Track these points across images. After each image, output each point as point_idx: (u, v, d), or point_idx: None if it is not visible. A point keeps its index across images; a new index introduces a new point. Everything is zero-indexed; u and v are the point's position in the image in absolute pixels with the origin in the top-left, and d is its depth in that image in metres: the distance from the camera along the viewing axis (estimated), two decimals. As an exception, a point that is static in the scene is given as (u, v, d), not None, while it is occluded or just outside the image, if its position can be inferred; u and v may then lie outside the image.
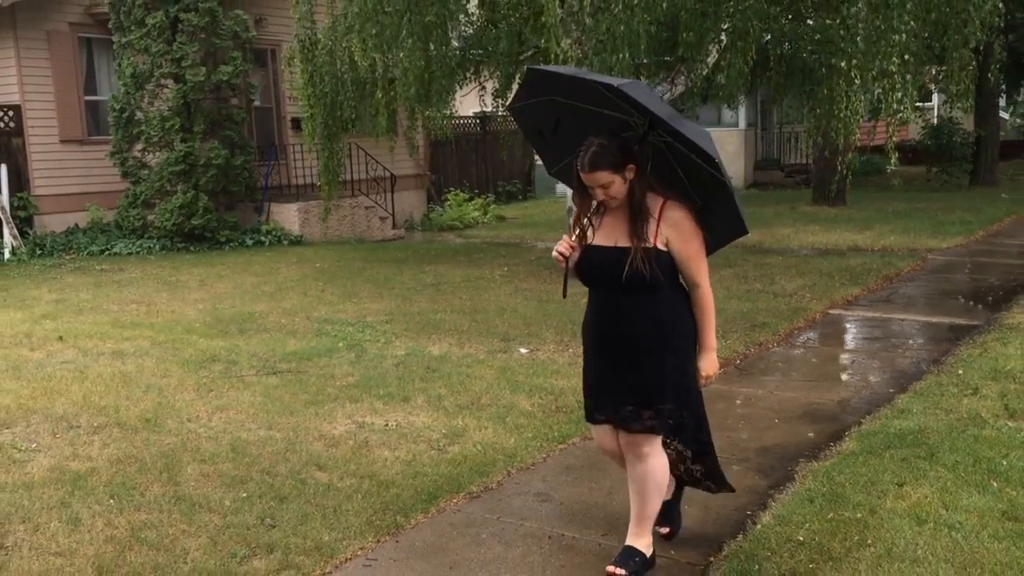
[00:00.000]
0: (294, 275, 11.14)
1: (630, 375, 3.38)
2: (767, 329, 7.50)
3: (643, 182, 3.28)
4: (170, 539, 3.93)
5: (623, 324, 3.36)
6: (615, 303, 3.38)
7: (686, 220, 3.29)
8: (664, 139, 3.30)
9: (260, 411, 5.71)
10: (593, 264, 3.38)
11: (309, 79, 10.34)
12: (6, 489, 4.48)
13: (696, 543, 3.86)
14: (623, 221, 3.32)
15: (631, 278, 3.24)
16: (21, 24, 13.75)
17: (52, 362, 7.04)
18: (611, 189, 3.25)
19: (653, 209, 3.28)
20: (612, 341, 3.41)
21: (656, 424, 3.37)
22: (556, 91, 3.47)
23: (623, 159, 3.23)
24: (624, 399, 3.39)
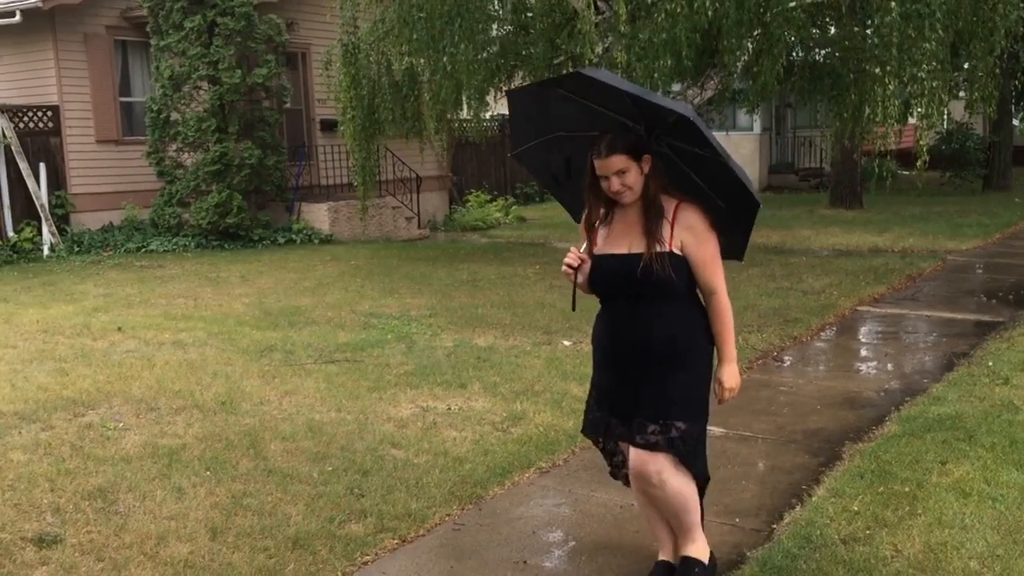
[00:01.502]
0: (331, 272, 11.47)
1: (641, 388, 3.21)
2: (800, 324, 7.81)
3: (657, 178, 3.13)
4: (270, 506, 4.24)
5: (637, 335, 3.19)
6: (630, 313, 3.20)
7: (701, 222, 3.15)
8: (665, 145, 3.18)
9: (326, 396, 6.03)
10: (607, 273, 3.21)
11: (351, 82, 10.67)
12: (106, 462, 4.80)
13: (757, 512, 4.17)
14: (635, 224, 3.16)
15: (647, 283, 3.09)
16: (60, 27, 14.12)
17: (117, 351, 7.37)
18: (627, 178, 3.09)
19: (667, 211, 3.13)
20: (623, 352, 3.24)
21: (659, 441, 3.18)
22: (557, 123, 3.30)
23: (640, 147, 3.09)
24: (631, 414, 3.23)
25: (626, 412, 3.25)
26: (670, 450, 3.18)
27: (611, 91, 2.98)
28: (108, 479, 4.56)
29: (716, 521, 4.05)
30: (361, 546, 3.85)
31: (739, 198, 3.14)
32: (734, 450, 4.97)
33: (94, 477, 4.59)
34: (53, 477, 4.58)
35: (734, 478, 4.56)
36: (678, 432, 3.17)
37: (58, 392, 6.11)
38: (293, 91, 15.19)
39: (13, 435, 5.25)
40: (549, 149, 3.40)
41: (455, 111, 11.49)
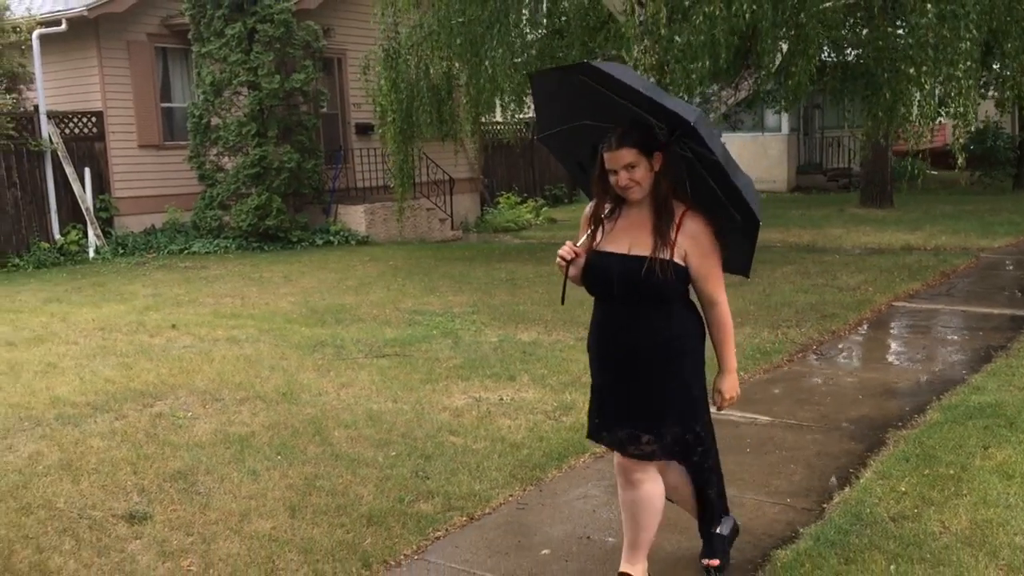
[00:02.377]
0: (371, 272, 11.73)
1: (633, 394, 3.16)
2: (837, 319, 7.95)
3: (669, 178, 3.05)
4: (342, 487, 4.48)
5: (630, 338, 3.12)
6: (623, 315, 3.13)
7: (706, 232, 3.05)
8: (686, 152, 3.06)
9: (381, 387, 6.26)
10: (603, 271, 3.12)
11: (392, 86, 10.93)
12: (181, 448, 5.06)
13: (807, 493, 4.34)
14: (639, 225, 3.08)
15: (645, 286, 3.02)
16: (104, 35, 14.51)
17: (175, 346, 7.65)
18: (635, 173, 3.01)
19: (676, 215, 3.06)
20: (617, 356, 3.17)
21: (656, 450, 3.15)
22: (583, 112, 3.19)
23: (652, 143, 3.01)
24: (623, 420, 3.17)
25: (619, 419, 3.19)
26: (664, 456, 3.17)
27: (623, 85, 2.89)
28: (186, 463, 4.81)
29: (768, 501, 4.24)
30: (432, 523, 4.07)
31: (745, 212, 3.02)
32: (781, 436, 5.15)
33: (172, 461, 4.84)
34: (133, 461, 4.84)
35: (783, 462, 4.74)
36: (672, 437, 3.14)
37: (125, 384, 6.39)
38: (329, 96, 15.49)
39: (90, 423, 5.52)
40: (575, 135, 3.30)
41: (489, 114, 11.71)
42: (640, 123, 3.01)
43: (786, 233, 14.32)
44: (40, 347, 7.72)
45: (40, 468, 4.77)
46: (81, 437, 5.26)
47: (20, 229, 13.58)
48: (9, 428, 5.45)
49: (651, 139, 3.01)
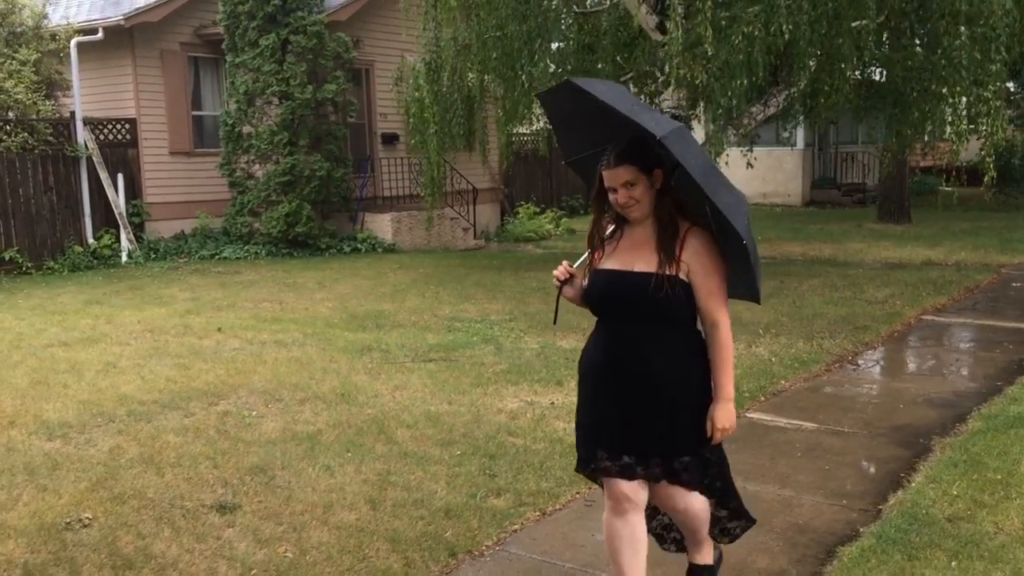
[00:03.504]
0: (403, 279, 11.95)
1: (640, 419, 3.01)
2: (869, 331, 8.16)
3: (671, 194, 2.98)
4: (415, 483, 4.68)
5: (636, 360, 2.98)
6: (628, 335, 3.00)
7: (709, 250, 2.95)
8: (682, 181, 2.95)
9: (434, 390, 6.47)
10: (606, 290, 3.02)
11: (435, 98, 11.18)
12: (253, 444, 5.27)
13: (863, 496, 4.54)
14: (642, 243, 2.99)
15: (653, 304, 2.91)
16: (138, 44, 14.78)
17: (225, 349, 7.86)
18: (635, 191, 2.93)
19: (680, 232, 2.97)
20: (621, 379, 3.02)
21: (659, 472, 3.07)
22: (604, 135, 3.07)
23: (652, 161, 2.93)
24: (628, 447, 3.03)
25: (624, 445, 3.03)
26: (667, 476, 3.06)
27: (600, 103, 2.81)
28: (261, 458, 5.02)
29: (826, 502, 4.44)
30: (506, 517, 4.28)
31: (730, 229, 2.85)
32: (829, 442, 5.35)
33: (248, 456, 5.05)
34: (211, 456, 5.06)
35: (835, 466, 4.94)
36: (681, 465, 3.03)
37: (186, 384, 6.61)
38: (357, 106, 15.74)
39: (160, 420, 5.74)
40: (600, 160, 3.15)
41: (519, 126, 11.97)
42: (640, 141, 2.91)
43: (807, 247, 14.54)
44: (94, 347, 7.94)
45: (123, 461, 4.99)
46: (155, 433, 5.47)
47: (55, 233, 13.82)
48: (84, 423, 5.67)
49: (650, 156, 2.93)
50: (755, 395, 6.25)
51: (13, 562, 3.82)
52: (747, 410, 5.95)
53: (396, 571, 3.74)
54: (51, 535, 4.06)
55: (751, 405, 6.07)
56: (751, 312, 9.11)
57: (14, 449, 5.20)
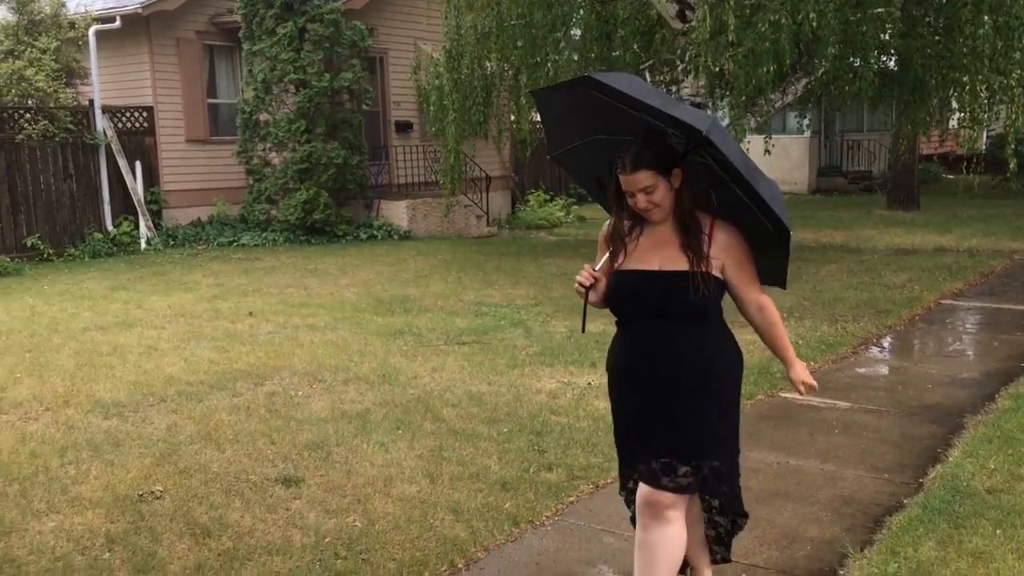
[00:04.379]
0: (423, 265, 12.09)
1: (669, 421, 2.95)
2: (892, 315, 8.31)
3: (691, 192, 2.89)
4: (468, 458, 4.84)
5: (666, 360, 2.92)
6: (655, 337, 2.93)
7: (738, 241, 2.92)
8: (706, 160, 2.86)
9: (472, 371, 6.62)
10: (632, 290, 2.93)
11: (455, 86, 11.29)
12: (305, 422, 5.42)
13: (902, 470, 4.70)
14: (665, 242, 2.91)
15: (690, 302, 2.85)
16: (155, 32, 14.86)
17: (260, 332, 8.00)
18: (654, 195, 2.84)
19: (704, 227, 2.91)
20: (649, 381, 2.95)
21: (691, 483, 2.95)
22: (596, 126, 3.02)
23: (669, 161, 2.83)
24: (657, 450, 2.95)
25: (651, 449, 2.97)
26: (701, 490, 2.99)
27: (630, 99, 2.71)
28: (315, 435, 5.17)
29: (868, 476, 4.60)
30: (561, 490, 4.43)
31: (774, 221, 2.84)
32: (864, 420, 5.50)
33: (302, 434, 5.20)
34: (267, 433, 5.21)
35: (872, 442, 5.10)
36: (711, 470, 2.95)
37: (229, 366, 6.75)
38: (373, 94, 15.85)
39: (211, 400, 5.89)
40: (590, 151, 3.13)
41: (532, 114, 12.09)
42: (653, 139, 2.83)
43: (819, 234, 14.68)
44: (131, 331, 8.08)
45: (182, 438, 5.14)
46: (208, 412, 5.62)
47: (75, 220, 13.95)
48: (137, 403, 5.82)
49: (667, 156, 2.83)
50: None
51: (94, 531, 3.97)
52: (781, 390, 6.11)
53: (463, 539, 3.89)
54: (126, 506, 4.21)
55: (783, 385, 6.21)
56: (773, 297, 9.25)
57: (74, 427, 5.35)
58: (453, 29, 11.39)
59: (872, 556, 3.66)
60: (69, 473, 4.63)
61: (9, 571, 3.62)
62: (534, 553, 3.82)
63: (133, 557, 3.72)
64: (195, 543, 3.85)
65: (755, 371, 6.46)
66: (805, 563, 3.69)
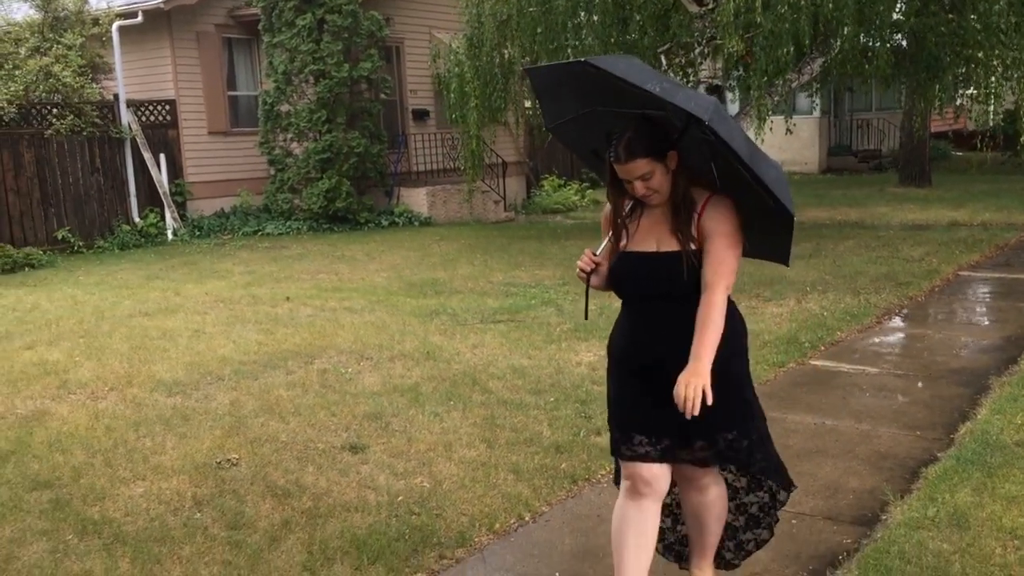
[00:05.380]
0: (448, 249, 12.34)
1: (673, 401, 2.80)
2: (912, 286, 8.54)
3: (686, 172, 2.85)
4: (520, 425, 5.10)
5: (667, 340, 2.86)
6: (658, 316, 2.91)
7: (727, 217, 2.83)
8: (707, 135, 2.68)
9: (510, 347, 6.88)
10: (631, 272, 2.93)
11: (476, 73, 11.51)
12: (360, 396, 5.69)
13: (933, 427, 4.95)
14: (663, 221, 2.89)
15: (685, 284, 2.81)
16: (176, 26, 15.11)
17: (300, 315, 8.27)
18: (652, 181, 2.81)
19: (697, 204, 2.86)
20: (654, 361, 2.90)
21: (708, 456, 2.94)
22: (592, 98, 2.95)
23: (664, 145, 2.79)
24: (668, 428, 2.90)
25: (661, 427, 2.91)
26: (717, 461, 2.98)
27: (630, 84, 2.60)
28: (372, 407, 5.44)
29: (901, 433, 4.85)
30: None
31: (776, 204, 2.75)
32: (893, 383, 5.75)
33: (359, 406, 5.47)
34: (325, 406, 5.48)
35: (903, 404, 5.35)
36: (725, 442, 2.93)
37: (277, 346, 7.02)
38: (391, 83, 16.07)
39: (266, 377, 6.16)
40: (587, 123, 3.06)
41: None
42: (646, 124, 2.78)
43: (833, 212, 14.89)
44: (174, 317, 8.36)
45: (246, 412, 5.41)
46: (265, 388, 5.89)
47: (103, 212, 14.24)
48: (197, 382, 6.10)
49: (661, 139, 2.79)
50: (815, 345, 6.64)
51: (181, 494, 4.25)
52: (810, 358, 6.36)
53: (526, 495, 4.15)
54: (207, 472, 4.49)
55: (813, 354, 6.47)
56: (795, 271, 9.50)
57: (142, 404, 5.63)
58: (474, 17, 11.60)
59: (912, 502, 3.91)
60: (146, 445, 4.91)
61: (109, 531, 3.90)
62: (594, 507, 4.08)
63: (223, 516, 3.99)
64: (277, 503, 4.12)
65: (784, 341, 6.73)
66: (849, 510, 3.95)
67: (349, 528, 3.84)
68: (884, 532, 3.67)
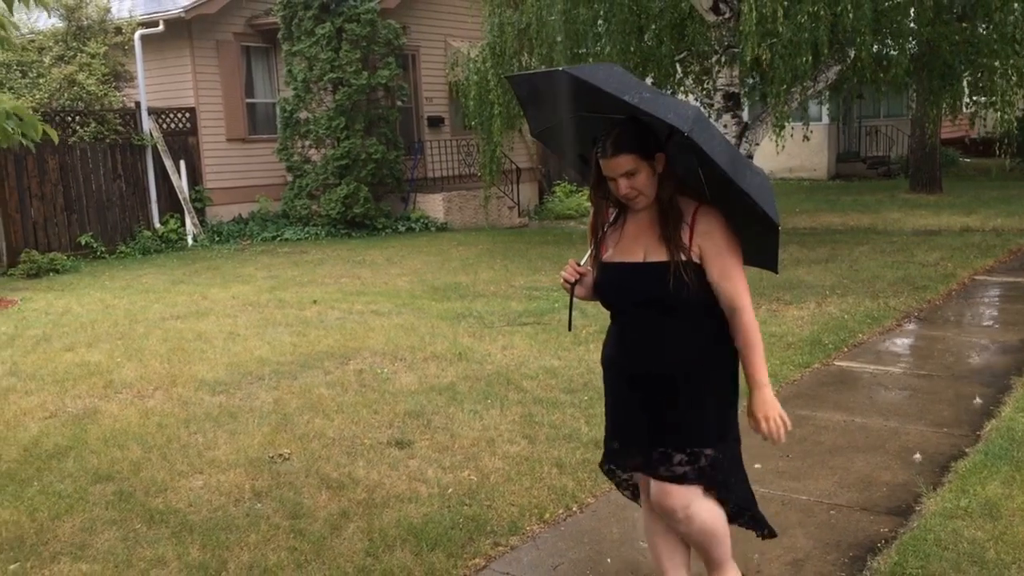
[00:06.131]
0: (467, 254, 12.52)
1: (666, 414, 2.86)
2: (929, 290, 8.70)
3: (674, 178, 2.79)
4: (558, 421, 5.27)
5: (655, 354, 2.84)
6: (645, 328, 2.85)
7: (720, 229, 2.77)
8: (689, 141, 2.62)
9: (539, 349, 7.05)
10: (616, 283, 2.87)
11: (499, 81, 11.70)
12: (399, 395, 5.86)
13: (959, 424, 5.10)
14: (648, 230, 2.81)
15: (668, 295, 2.74)
16: (196, 35, 15.35)
17: (329, 318, 8.45)
18: (636, 180, 2.74)
19: (686, 214, 2.78)
20: (642, 375, 2.88)
21: (688, 471, 2.84)
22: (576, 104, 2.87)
23: (651, 145, 2.73)
24: (654, 441, 2.87)
25: (645, 440, 2.89)
26: (700, 480, 2.86)
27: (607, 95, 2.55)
28: (412, 405, 5.61)
29: (929, 430, 5.01)
30: (650, 447, 4.85)
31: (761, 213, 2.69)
32: (917, 384, 5.91)
33: (399, 404, 5.64)
34: (367, 404, 5.65)
35: (928, 402, 5.50)
36: (707, 460, 2.84)
37: (311, 348, 7.20)
38: (408, 90, 16.29)
39: (305, 377, 6.34)
40: (572, 128, 3.02)
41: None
42: (636, 122, 2.72)
43: (845, 217, 15.05)
44: (206, 320, 8.54)
45: (291, 410, 5.58)
46: (306, 387, 6.07)
47: (125, 218, 14.45)
48: (238, 381, 6.27)
49: (650, 140, 2.74)
50: (838, 347, 6.80)
51: (239, 487, 4.42)
52: (834, 359, 6.52)
53: (571, 488, 4.32)
54: (260, 466, 4.66)
55: (837, 355, 6.63)
56: (813, 275, 9.68)
57: (188, 402, 5.81)
58: (496, 26, 11.81)
59: (944, 494, 4.07)
60: (199, 441, 5.08)
61: (175, 520, 4.07)
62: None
63: (282, 507, 4.17)
64: (333, 495, 4.29)
65: (808, 343, 6.89)
66: (884, 502, 4.11)
67: (405, 518, 4.01)
68: (919, 521, 3.83)
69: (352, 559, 3.66)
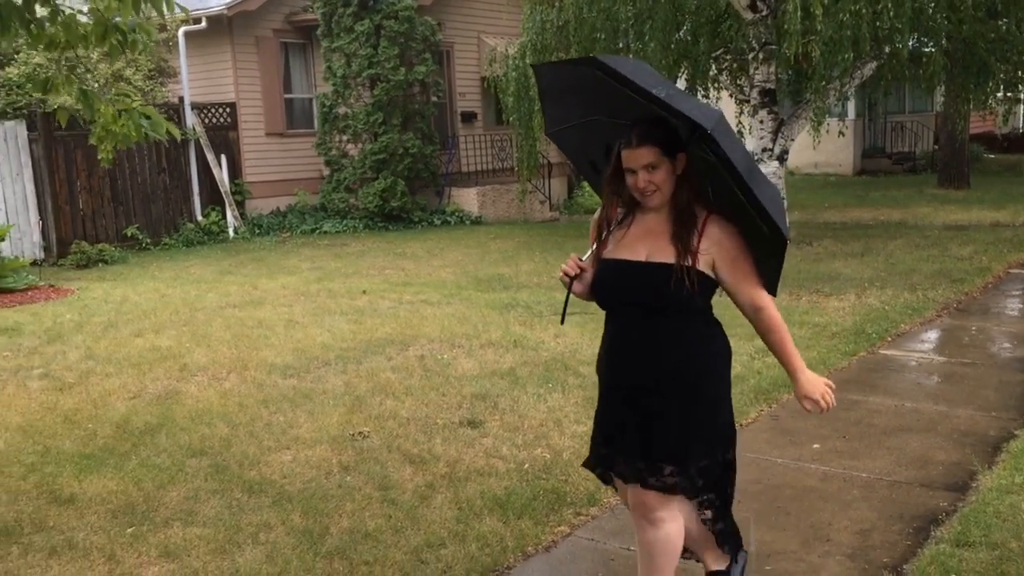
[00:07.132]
0: (506, 247, 12.78)
1: (654, 420, 2.83)
2: (966, 283, 8.89)
3: (691, 183, 2.78)
4: (619, 404, 5.51)
5: (650, 357, 2.82)
6: (641, 331, 2.83)
7: (731, 236, 2.77)
8: (707, 155, 2.70)
9: (591, 337, 7.28)
10: (616, 281, 2.85)
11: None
12: (462, 379, 6.12)
13: (1006, 408, 5.32)
14: (656, 231, 2.80)
15: (671, 296, 2.73)
16: (236, 31, 15.66)
17: (381, 307, 8.73)
18: (656, 175, 2.73)
19: (698, 221, 2.78)
20: (634, 377, 2.85)
21: (677, 483, 2.83)
22: (596, 107, 2.89)
23: (675, 144, 2.74)
24: (642, 450, 2.84)
25: (634, 449, 2.86)
26: (688, 491, 2.87)
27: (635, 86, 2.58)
28: (476, 389, 5.88)
29: (978, 414, 5.22)
30: (710, 428, 5.09)
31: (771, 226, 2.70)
32: (962, 371, 6.12)
33: (464, 388, 5.91)
34: (433, 388, 5.92)
35: (975, 388, 5.72)
36: (696, 470, 2.84)
37: (369, 336, 7.48)
38: (444, 86, 16.56)
39: (369, 362, 6.61)
40: (588, 132, 3.02)
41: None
42: (664, 119, 2.72)
43: (876, 212, 15.20)
44: (262, 308, 8.84)
45: (361, 392, 5.86)
46: (372, 371, 6.34)
47: (169, 211, 14.80)
48: (306, 366, 6.56)
49: (675, 138, 2.75)
50: (882, 336, 7.02)
51: (327, 461, 4.70)
52: (879, 348, 6.73)
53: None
54: (344, 443, 4.94)
55: (881, 344, 6.84)
56: (850, 268, 9.88)
57: (263, 385, 6.10)
58: (537, 24, 12.05)
59: (999, 471, 4.30)
60: (280, 420, 5.37)
61: (273, 490, 4.35)
62: (704, 474, 4.49)
63: (371, 480, 4.44)
64: (416, 469, 4.56)
65: (852, 332, 7.10)
66: (941, 478, 4.34)
67: (488, 490, 4.28)
68: (977, 496, 4.06)
69: (445, 525, 3.93)
